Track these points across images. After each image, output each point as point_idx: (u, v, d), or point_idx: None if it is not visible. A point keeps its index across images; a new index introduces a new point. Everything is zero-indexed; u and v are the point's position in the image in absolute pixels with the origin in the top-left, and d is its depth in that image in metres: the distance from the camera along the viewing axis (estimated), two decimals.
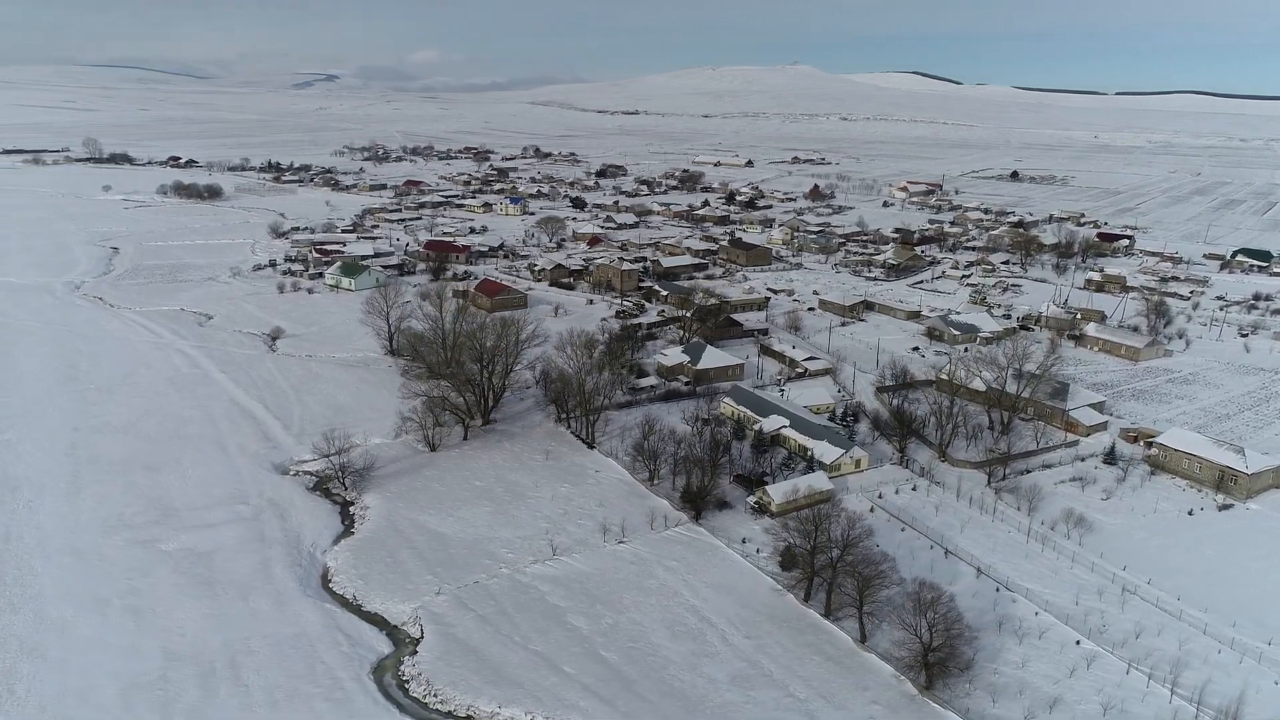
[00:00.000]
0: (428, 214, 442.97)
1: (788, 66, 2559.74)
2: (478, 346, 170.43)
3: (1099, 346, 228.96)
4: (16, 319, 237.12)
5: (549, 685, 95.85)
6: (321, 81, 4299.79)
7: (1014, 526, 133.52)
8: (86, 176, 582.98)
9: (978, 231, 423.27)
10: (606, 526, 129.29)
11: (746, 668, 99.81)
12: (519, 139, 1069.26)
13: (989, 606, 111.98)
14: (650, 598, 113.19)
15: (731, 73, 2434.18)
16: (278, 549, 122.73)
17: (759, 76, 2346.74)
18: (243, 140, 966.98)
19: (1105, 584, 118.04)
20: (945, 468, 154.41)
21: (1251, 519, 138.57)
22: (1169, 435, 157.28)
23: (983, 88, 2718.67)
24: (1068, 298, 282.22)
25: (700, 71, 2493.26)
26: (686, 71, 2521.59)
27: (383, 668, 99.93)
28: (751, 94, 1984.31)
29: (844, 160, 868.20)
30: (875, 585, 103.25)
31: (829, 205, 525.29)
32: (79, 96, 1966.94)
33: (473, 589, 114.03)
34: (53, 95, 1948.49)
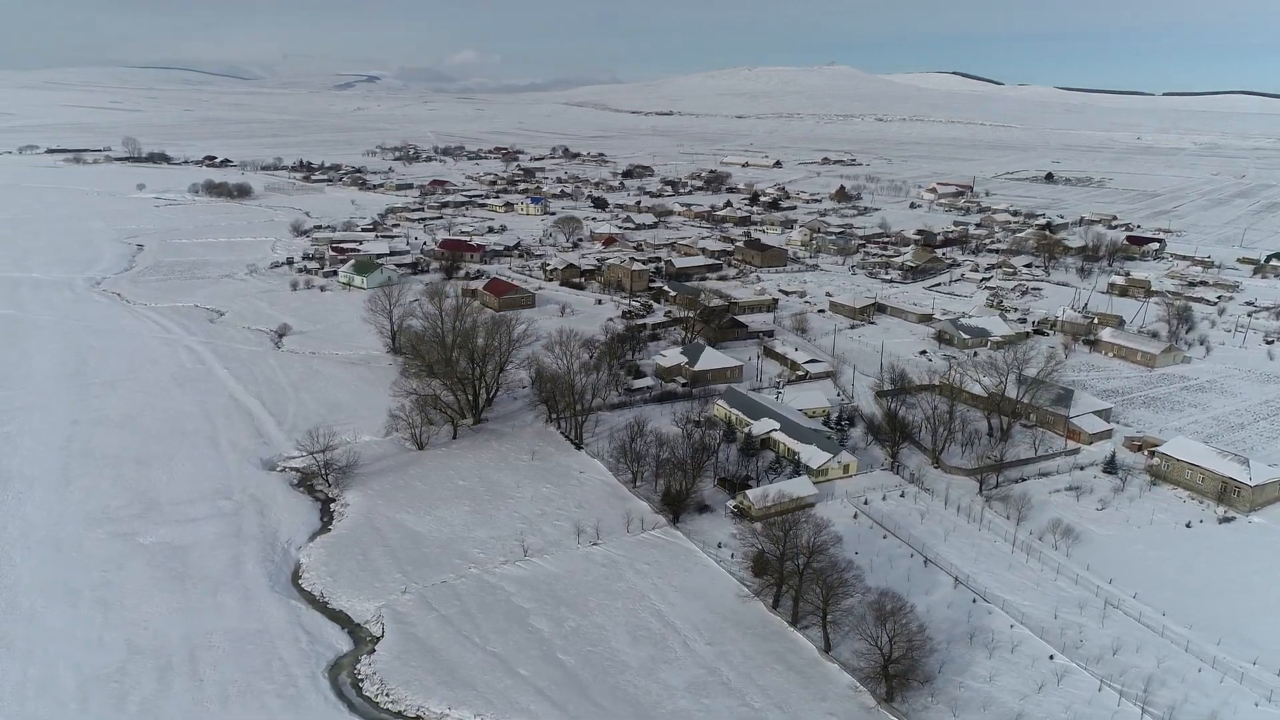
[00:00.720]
0: (450, 213, 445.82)
1: (825, 67, 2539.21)
2: (469, 345, 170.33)
3: (1114, 352, 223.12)
4: (35, 314, 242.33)
5: (502, 688, 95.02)
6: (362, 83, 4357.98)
7: (1000, 536, 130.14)
8: (123, 175, 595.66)
9: (1003, 234, 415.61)
10: (581, 528, 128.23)
11: (704, 675, 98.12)
12: (550, 139, 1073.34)
13: (963, 618, 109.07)
14: (617, 601, 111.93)
15: (767, 73, 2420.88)
16: (253, 545, 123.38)
17: (795, 77, 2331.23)
18: (279, 140, 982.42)
19: (1088, 597, 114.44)
20: (937, 474, 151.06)
21: (1253, 533, 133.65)
22: (1172, 444, 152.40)
23: (1024, 88, 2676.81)
24: (1087, 302, 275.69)
25: (736, 72, 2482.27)
26: (721, 72, 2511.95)
27: (340, 666, 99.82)
28: (787, 95, 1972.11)
29: (875, 161, 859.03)
30: (839, 593, 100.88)
31: (854, 206, 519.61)
32: (126, 98, 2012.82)
33: (439, 588, 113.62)
34: (101, 96, 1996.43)
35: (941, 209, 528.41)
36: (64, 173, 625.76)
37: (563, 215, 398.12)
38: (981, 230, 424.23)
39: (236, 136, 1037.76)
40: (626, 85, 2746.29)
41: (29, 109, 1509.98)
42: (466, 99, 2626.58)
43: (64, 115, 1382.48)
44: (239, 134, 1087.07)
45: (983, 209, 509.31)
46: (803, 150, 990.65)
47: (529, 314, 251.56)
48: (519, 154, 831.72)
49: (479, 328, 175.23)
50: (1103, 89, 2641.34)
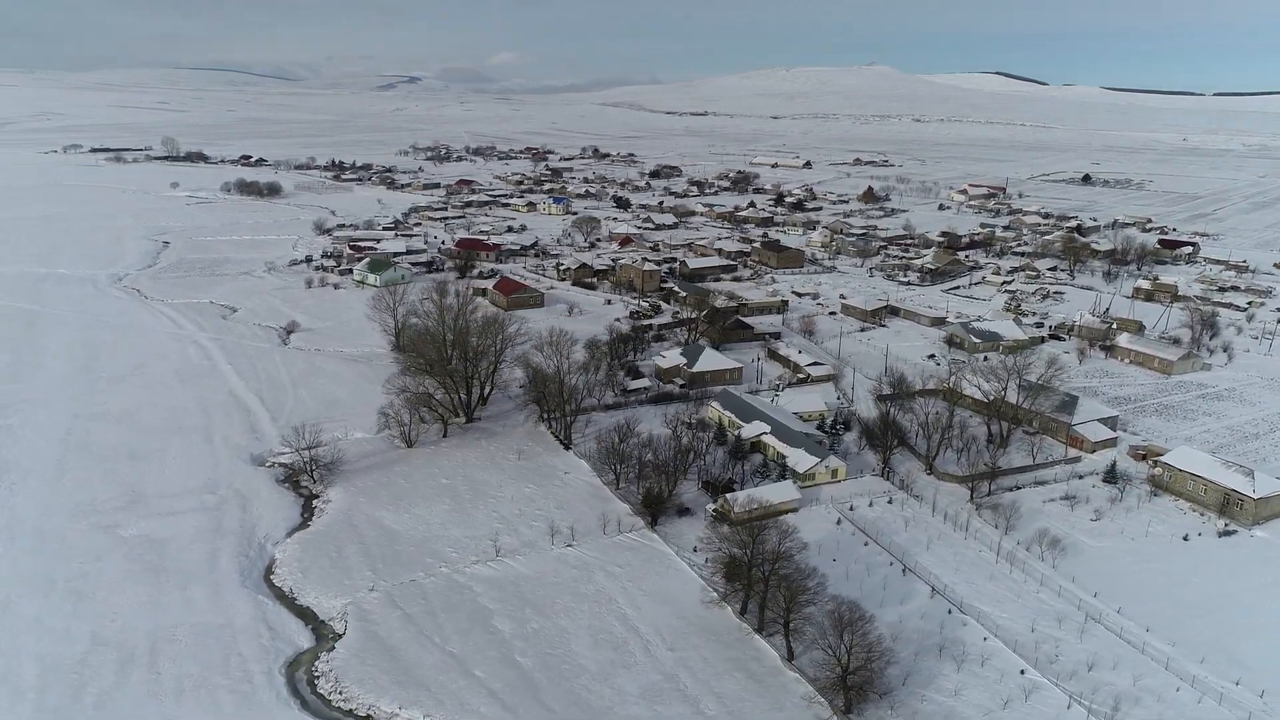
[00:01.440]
0: (472, 213, 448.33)
1: (864, 67, 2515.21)
2: (463, 344, 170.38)
3: (1130, 358, 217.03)
4: (55, 309, 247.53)
5: (455, 688, 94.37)
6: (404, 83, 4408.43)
7: (986, 545, 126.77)
8: (159, 174, 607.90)
9: (1031, 236, 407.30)
10: (556, 529, 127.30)
11: (661, 681, 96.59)
12: (583, 140, 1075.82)
13: (935, 629, 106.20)
14: (583, 603, 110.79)
15: (804, 74, 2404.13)
16: (230, 539, 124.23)
17: (832, 77, 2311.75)
18: (317, 140, 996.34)
19: (1070, 610, 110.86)
20: (930, 481, 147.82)
21: (1253, 547, 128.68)
22: (1175, 454, 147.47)
23: (1069, 89, 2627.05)
24: (1109, 306, 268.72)
25: (773, 72, 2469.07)
26: (758, 73, 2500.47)
27: (299, 662, 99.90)
28: (824, 95, 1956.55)
29: (908, 162, 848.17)
30: (800, 601, 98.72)
31: (881, 208, 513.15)
32: (173, 98, 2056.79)
33: (407, 587, 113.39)
34: (149, 97, 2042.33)
35: (971, 211, 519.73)
36: (104, 171, 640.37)
37: (581, 215, 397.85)
38: (1009, 232, 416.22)
39: (276, 136, 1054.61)
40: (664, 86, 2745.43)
41: (80, 109, 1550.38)
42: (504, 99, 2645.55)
43: (113, 115, 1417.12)
44: (279, 134, 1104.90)
45: (1013, 211, 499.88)
46: (836, 151, 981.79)
47: (537, 314, 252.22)
48: (549, 154, 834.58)
49: (472, 326, 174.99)
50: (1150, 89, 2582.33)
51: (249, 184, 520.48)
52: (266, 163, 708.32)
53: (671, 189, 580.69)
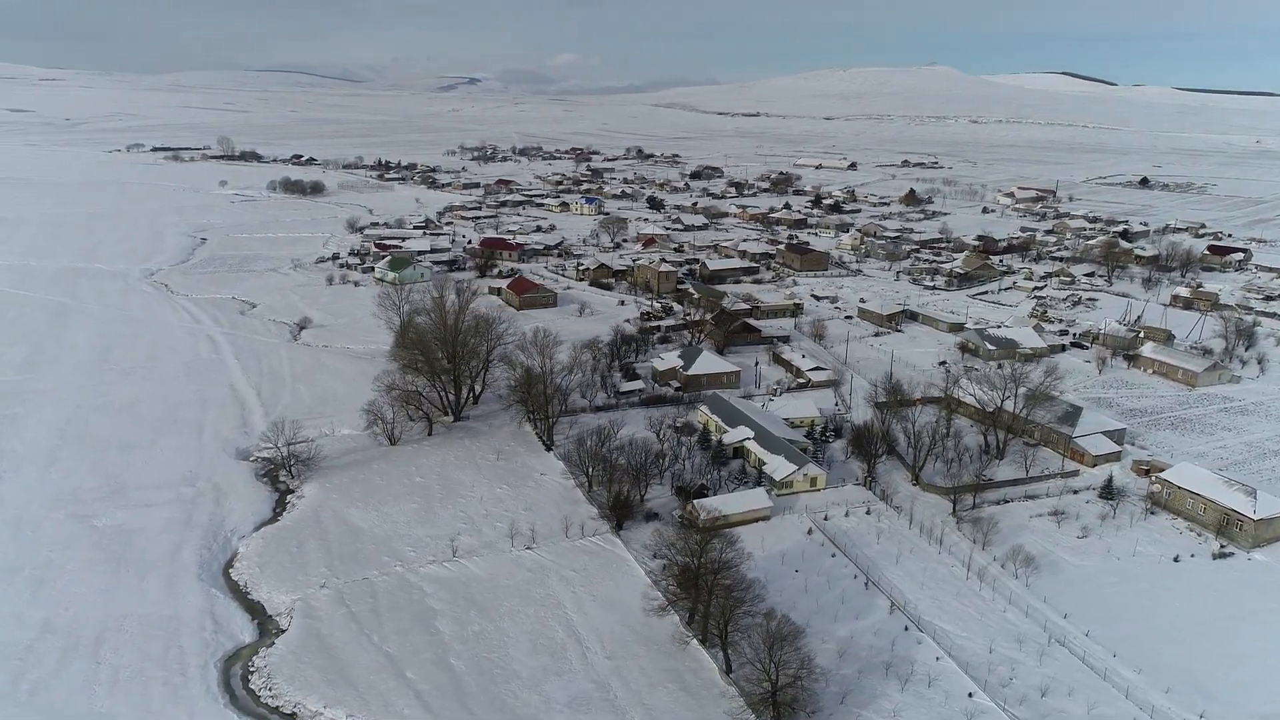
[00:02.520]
0: (506, 212, 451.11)
1: (923, 68, 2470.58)
2: (451, 343, 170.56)
3: (1153, 369, 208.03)
4: (84, 302, 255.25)
5: (383, 689, 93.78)
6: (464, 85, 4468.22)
7: (960, 560, 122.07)
8: (212, 173, 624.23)
9: (1074, 241, 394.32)
10: (517, 531, 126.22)
11: (592, 690, 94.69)
12: (631, 140, 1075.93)
13: (887, 645, 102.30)
14: (530, 607, 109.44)
15: (862, 74, 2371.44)
16: (197, 532, 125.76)
17: (890, 78, 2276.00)
18: (371, 140, 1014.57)
19: (1035, 631, 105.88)
20: (915, 492, 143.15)
21: (1249, 571, 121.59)
22: (1175, 470, 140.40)
23: (1139, 89, 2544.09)
24: (1140, 314, 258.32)
25: (829, 73, 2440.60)
26: (814, 73, 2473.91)
27: (238, 657, 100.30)
28: (880, 96, 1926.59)
29: (959, 164, 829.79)
30: (738, 614, 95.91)
31: (922, 211, 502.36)
32: (239, 99, 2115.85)
33: (358, 585, 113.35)
34: (217, 98, 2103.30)
35: (1016, 214, 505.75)
36: (161, 170, 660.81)
37: (609, 216, 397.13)
38: (1050, 237, 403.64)
39: (332, 136, 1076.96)
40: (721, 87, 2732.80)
41: (151, 110, 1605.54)
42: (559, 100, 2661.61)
43: (180, 116, 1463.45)
44: (334, 134, 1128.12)
45: (1059, 215, 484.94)
46: (885, 153, 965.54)
47: (549, 313, 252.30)
48: (593, 154, 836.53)
49: (463, 326, 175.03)
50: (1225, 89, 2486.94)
51: (294, 183, 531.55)
52: (316, 162, 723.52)
53: (710, 190, 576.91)
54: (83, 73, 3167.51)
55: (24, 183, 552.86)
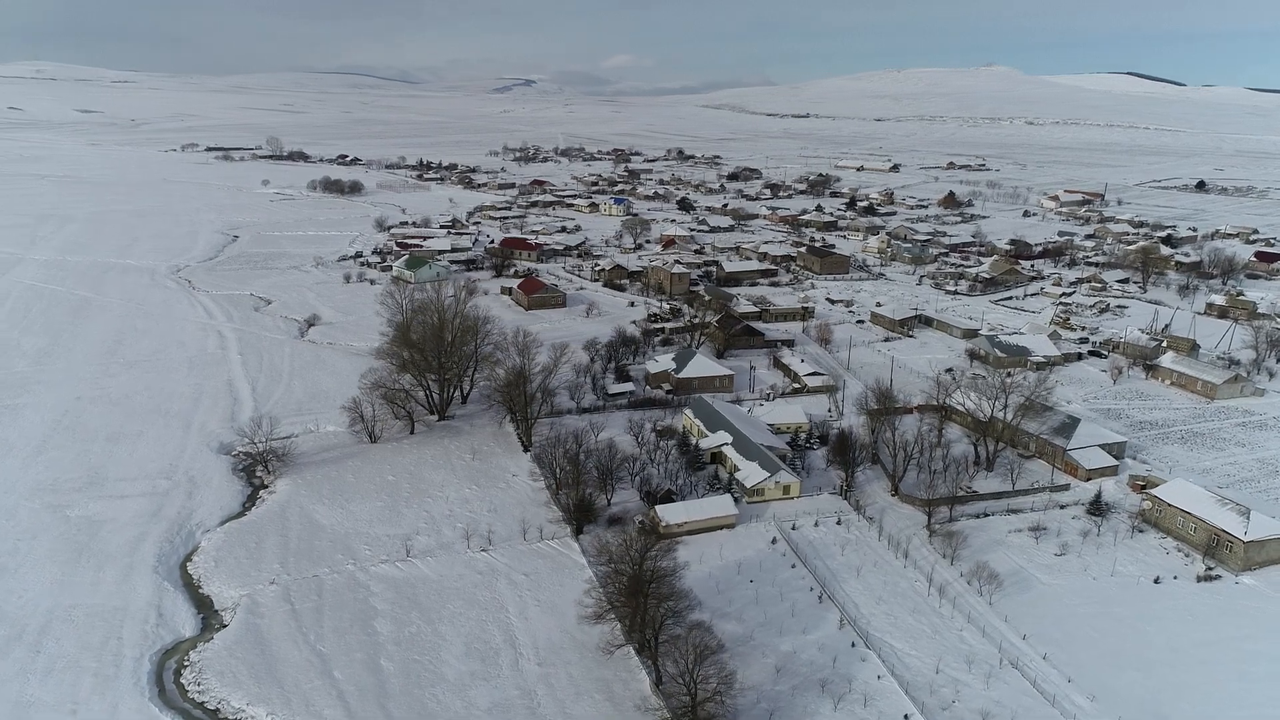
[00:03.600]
0: (536, 213, 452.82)
1: (980, 69, 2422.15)
2: (436, 343, 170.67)
3: (1172, 380, 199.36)
4: (106, 296, 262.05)
5: (307, 689, 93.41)
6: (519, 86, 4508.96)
7: (925, 574, 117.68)
8: (259, 172, 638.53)
9: (1113, 245, 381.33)
10: (474, 532, 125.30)
11: (517, 697, 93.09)
12: (676, 141, 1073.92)
13: (829, 662, 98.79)
14: (473, 610, 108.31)
15: (916, 75, 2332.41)
16: (163, 525, 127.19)
17: (945, 79, 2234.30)
18: (418, 140, 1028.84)
19: (989, 652, 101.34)
20: (894, 502, 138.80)
21: (1234, 596, 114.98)
22: (1168, 487, 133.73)
23: (1209, 90, 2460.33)
24: (1168, 323, 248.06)
25: (883, 74, 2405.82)
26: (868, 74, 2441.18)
27: (177, 650, 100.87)
28: (933, 97, 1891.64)
29: (1008, 166, 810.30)
30: (667, 625, 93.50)
31: (960, 214, 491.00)
32: (298, 100, 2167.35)
33: (307, 582, 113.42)
34: (276, 100, 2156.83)
35: (1059, 218, 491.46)
36: (210, 169, 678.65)
37: (632, 216, 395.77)
38: (1089, 241, 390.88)
39: (381, 137, 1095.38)
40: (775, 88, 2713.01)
41: (213, 111, 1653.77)
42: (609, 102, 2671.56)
43: (239, 117, 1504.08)
44: (384, 134, 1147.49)
45: (1104, 219, 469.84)
46: (933, 155, 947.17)
47: (557, 314, 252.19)
48: (634, 155, 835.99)
49: (453, 325, 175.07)
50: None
51: (333, 182, 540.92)
52: (360, 162, 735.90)
53: (744, 192, 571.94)
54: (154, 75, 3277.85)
55: (79, 181, 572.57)
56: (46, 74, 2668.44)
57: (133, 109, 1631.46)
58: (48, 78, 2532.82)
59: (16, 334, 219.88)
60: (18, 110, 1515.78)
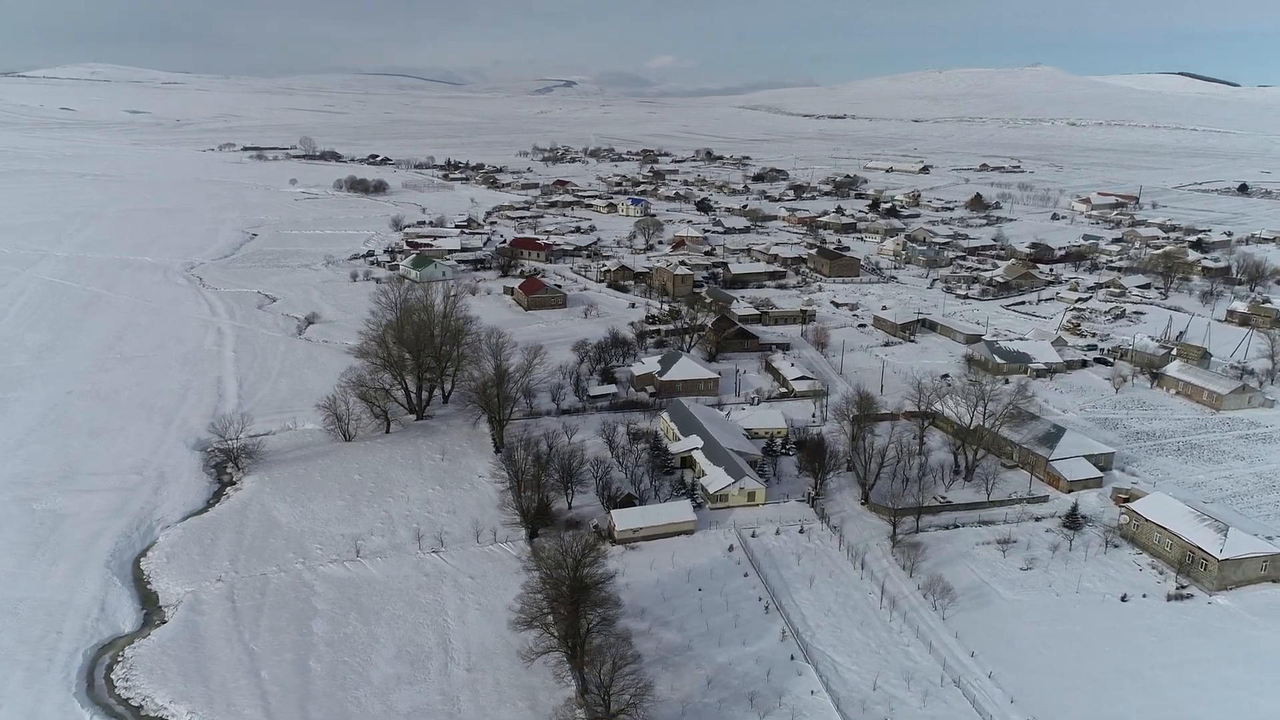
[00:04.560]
0: (554, 213, 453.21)
1: (1025, 69, 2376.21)
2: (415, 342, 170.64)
3: (1177, 389, 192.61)
4: (116, 293, 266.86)
5: (232, 688, 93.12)
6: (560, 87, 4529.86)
7: (880, 587, 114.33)
8: (291, 171, 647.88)
9: (1139, 249, 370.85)
10: (426, 534, 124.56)
11: (439, 702, 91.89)
12: (708, 142, 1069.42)
13: (763, 675, 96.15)
14: (412, 612, 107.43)
15: (958, 75, 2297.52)
16: (124, 519, 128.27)
17: (988, 79, 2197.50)
18: (452, 141, 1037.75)
19: (932, 669, 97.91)
20: (862, 511, 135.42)
21: (1204, 616, 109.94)
22: (1146, 501, 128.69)
23: (1265, 90, 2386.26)
24: (1183, 330, 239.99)
25: (924, 75, 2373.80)
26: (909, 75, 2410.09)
27: (114, 645, 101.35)
28: (975, 98, 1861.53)
29: (1043, 168, 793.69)
30: (594, 633, 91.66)
31: (986, 216, 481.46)
32: (341, 101, 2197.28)
33: (253, 580, 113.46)
34: (320, 101, 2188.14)
35: (1090, 221, 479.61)
36: (243, 168, 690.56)
37: (644, 217, 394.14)
38: (1114, 245, 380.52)
39: (415, 137, 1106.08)
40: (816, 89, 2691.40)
41: (256, 111, 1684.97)
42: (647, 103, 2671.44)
43: (280, 117, 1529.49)
44: (419, 135, 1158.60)
45: (1134, 222, 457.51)
46: (968, 156, 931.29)
47: (556, 314, 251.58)
48: (662, 156, 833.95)
49: (429, 325, 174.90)
50: None
51: (358, 181, 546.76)
52: (390, 162, 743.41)
53: (768, 193, 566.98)
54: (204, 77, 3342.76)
55: (115, 179, 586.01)
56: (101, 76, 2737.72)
57: (180, 110, 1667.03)
58: (102, 79, 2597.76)
59: (22, 329, 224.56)
60: (70, 111, 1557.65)
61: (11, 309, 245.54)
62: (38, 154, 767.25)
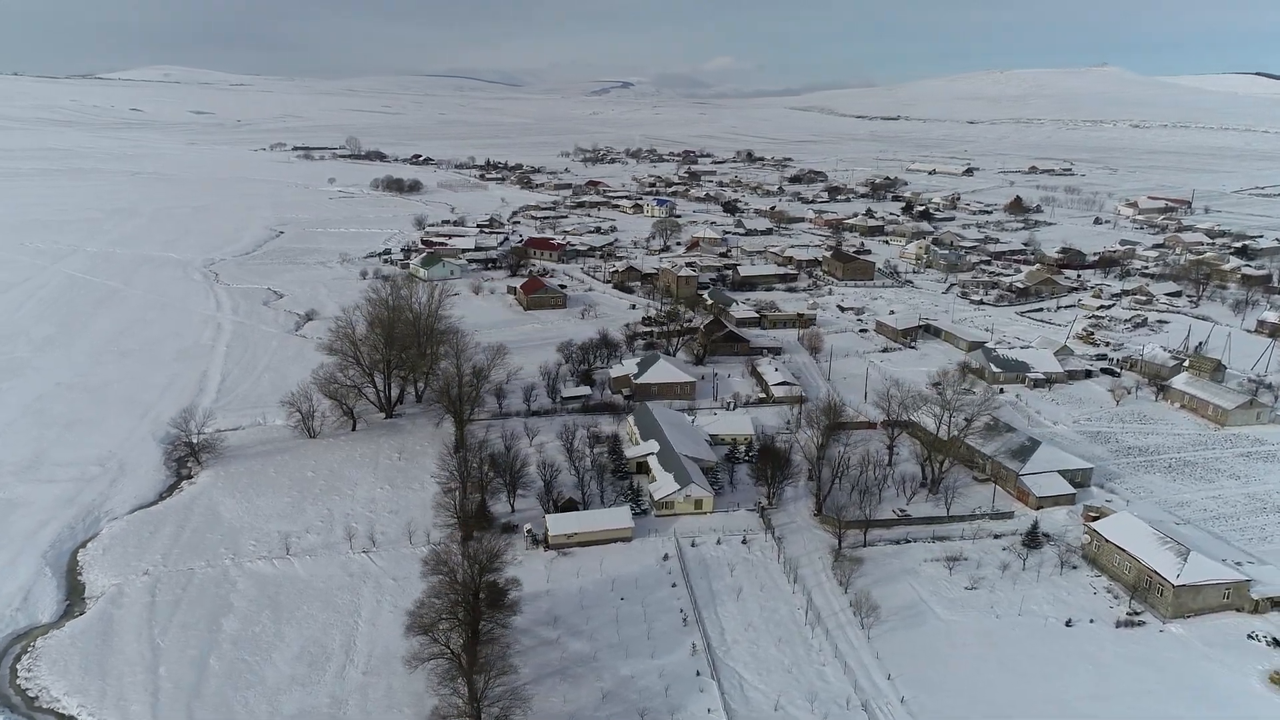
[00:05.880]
0: (578, 213, 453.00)
1: (1090, 69, 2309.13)
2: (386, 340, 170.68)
3: (1182, 402, 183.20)
4: (132, 288, 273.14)
5: (126, 684, 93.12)
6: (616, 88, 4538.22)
7: (812, 601, 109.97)
8: (331, 170, 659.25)
9: (1179, 255, 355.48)
10: (366, 533, 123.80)
11: (326, 705, 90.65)
12: (755, 144, 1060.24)
13: (661, 691, 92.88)
14: (326, 613, 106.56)
15: (1019, 76, 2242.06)
16: (73, 510, 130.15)
17: (1050, 80, 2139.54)
18: (499, 142, 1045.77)
19: (842, 691, 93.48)
20: (815, 523, 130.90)
21: (1152, 645, 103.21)
22: (1110, 520, 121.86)
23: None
24: (1202, 341, 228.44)
25: (984, 75, 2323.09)
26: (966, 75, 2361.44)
27: (30, 635, 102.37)
28: (1035, 99, 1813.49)
29: (1096, 171, 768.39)
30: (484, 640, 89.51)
31: (1024, 219, 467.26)
32: (398, 102, 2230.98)
33: (179, 574, 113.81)
34: (377, 102, 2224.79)
35: (1134, 226, 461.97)
36: (288, 167, 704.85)
37: (661, 218, 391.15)
38: (1152, 251, 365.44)
39: (464, 138, 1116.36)
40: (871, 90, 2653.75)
41: (315, 112, 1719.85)
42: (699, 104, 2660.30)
43: (338, 118, 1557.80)
44: (468, 135, 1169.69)
45: (1181, 227, 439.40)
46: (1021, 158, 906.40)
47: (554, 314, 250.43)
48: (702, 157, 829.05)
49: (398, 323, 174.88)
50: None
51: (394, 181, 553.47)
52: (432, 161, 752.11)
53: (803, 195, 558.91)
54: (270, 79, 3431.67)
55: (162, 177, 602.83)
56: (173, 78, 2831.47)
57: (242, 111, 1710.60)
58: (173, 81, 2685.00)
59: (32, 321, 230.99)
60: (138, 111, 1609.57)
61: (29, 301, 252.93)
62: (98, 153, 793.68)
